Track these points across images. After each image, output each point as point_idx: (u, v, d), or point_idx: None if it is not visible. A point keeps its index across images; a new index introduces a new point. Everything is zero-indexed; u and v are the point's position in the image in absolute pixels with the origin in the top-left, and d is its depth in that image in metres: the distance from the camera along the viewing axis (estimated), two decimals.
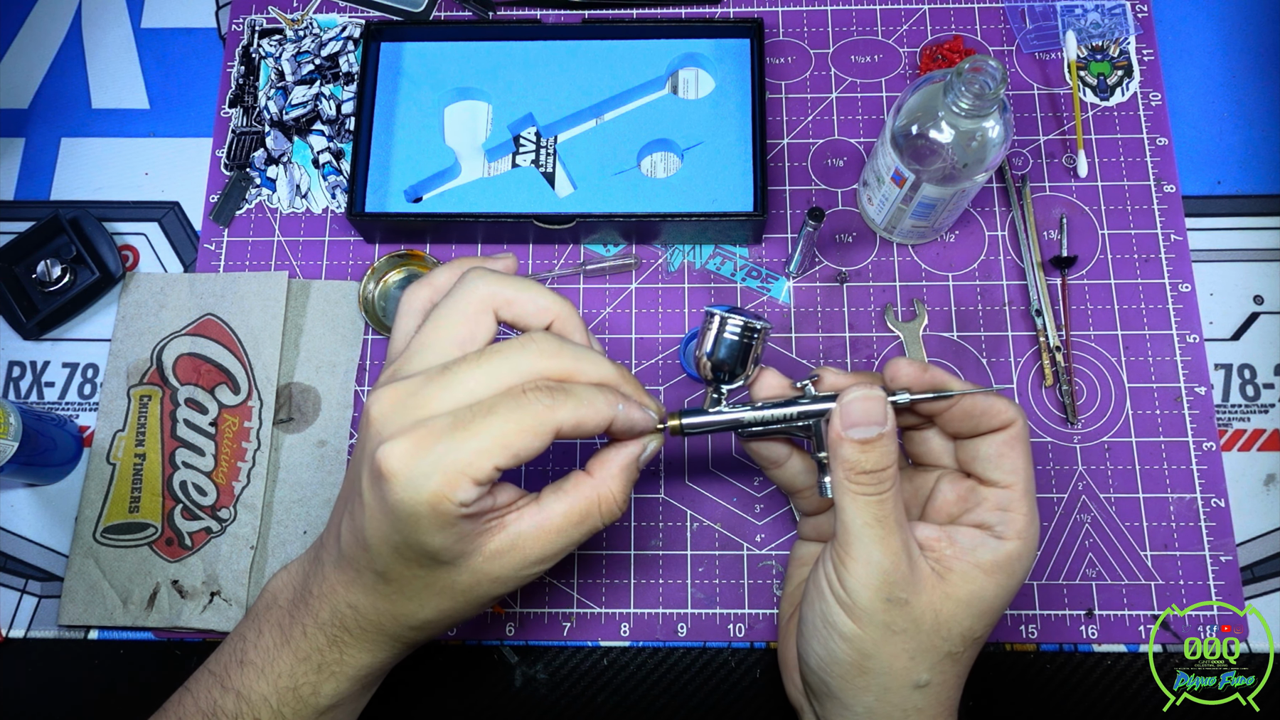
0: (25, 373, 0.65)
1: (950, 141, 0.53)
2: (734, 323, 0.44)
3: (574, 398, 0.38)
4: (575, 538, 0.40)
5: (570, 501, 0.40)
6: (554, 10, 0.70)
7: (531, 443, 0.36)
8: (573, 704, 0.58)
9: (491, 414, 0.36)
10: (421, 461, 0.35)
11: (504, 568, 0.39)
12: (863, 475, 0.40)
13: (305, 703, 0.43)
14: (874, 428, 0.40)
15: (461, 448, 0.35)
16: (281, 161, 0.68)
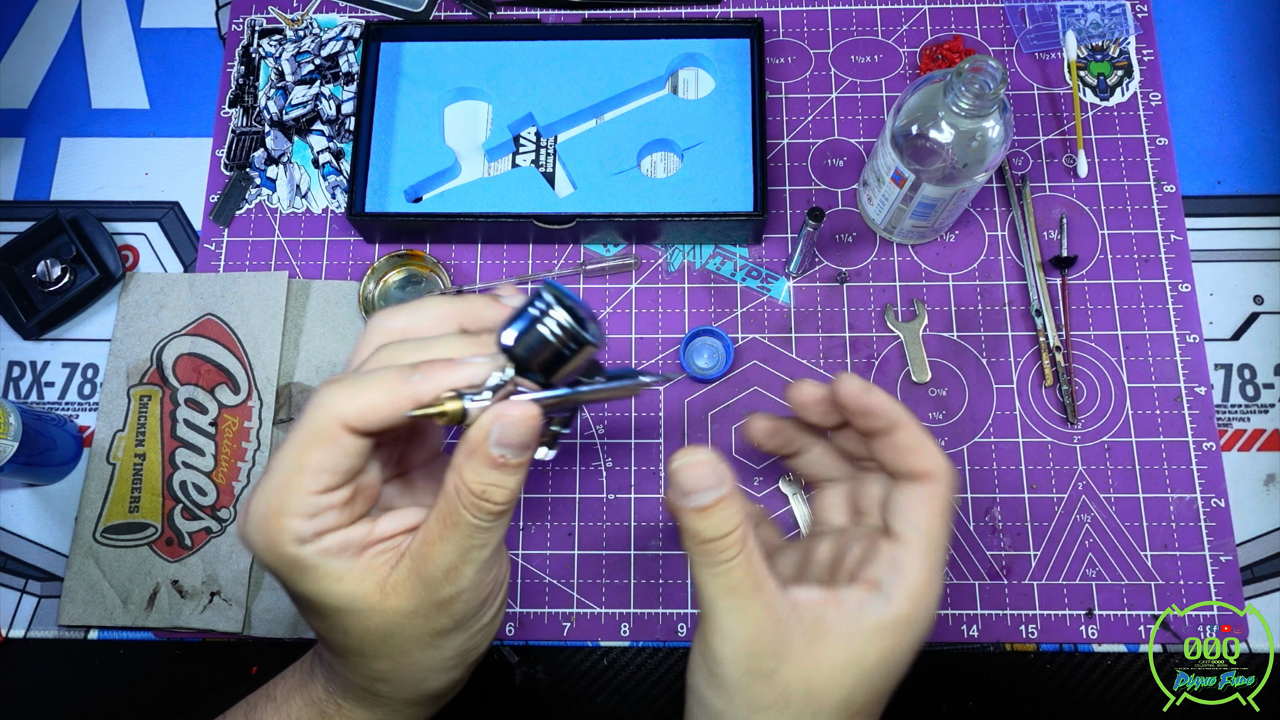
0: (25, 373, 0.65)
1: (950, 141, 0.53)
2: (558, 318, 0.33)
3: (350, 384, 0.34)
4: (464, 542, 0.35)
5: (437, 506, 0.36)
6: (554, 10, 0.70)
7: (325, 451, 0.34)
8: (573, 704, 0.58)
9: (281, 449, 0.34)
10: (246, 523, 0.35)
11: (406, 599, 0.36)
12: (706, 545, 0.35)
13: None
14: (708, 493, 0.35)
15: (265, 494, 0.34)
16: (281, 161, 0.68)
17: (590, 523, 0.60)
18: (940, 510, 0.38)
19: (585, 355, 0.34)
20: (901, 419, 0.39)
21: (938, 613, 0.38)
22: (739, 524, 0.35)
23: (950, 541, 0.39)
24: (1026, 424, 0.61)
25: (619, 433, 0.61)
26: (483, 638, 0.40)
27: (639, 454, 0.61)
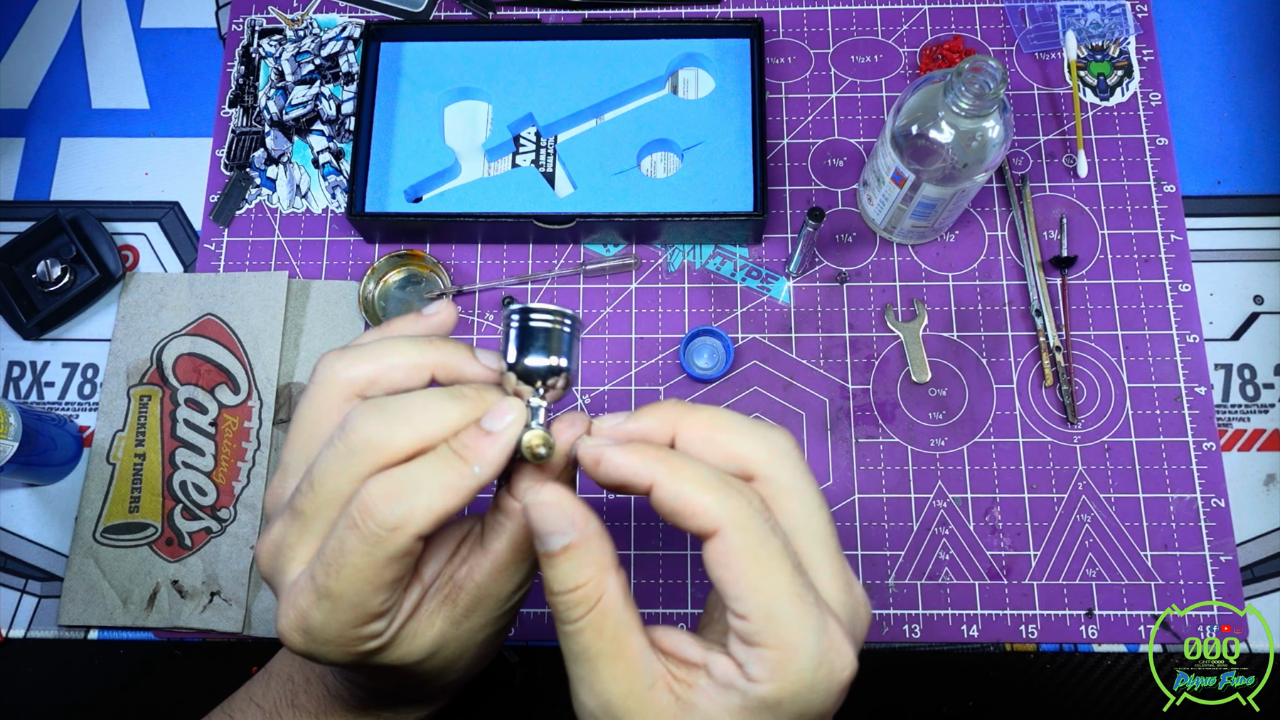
0: (25, 373, 0.65)
1: (950, 141, 0.53)
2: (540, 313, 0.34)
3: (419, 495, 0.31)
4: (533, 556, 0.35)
5: (510, 532, 0.35)
6: (554, 10, 0.70)
7: (399, 568, 0.32)
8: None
9: (342, 571, 0.31)
10: (314, 641, 0.33)
11: (484, 615, 0.36)
12: (554, 598, 0.31)
13: None
14: (555, 538, 0.31)
15: (337, 616, 0.32)
16: (281, 161, 0.68)
17: None
18: (763, 563, 0.30)
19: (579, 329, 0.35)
20: (654, 475, 0.31)
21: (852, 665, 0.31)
22: (589, 578, 0.31)
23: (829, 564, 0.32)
24: (1026, 424, 0.61)
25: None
26: None
27: None
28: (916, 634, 0.57)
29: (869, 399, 0.62)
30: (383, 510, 0.31)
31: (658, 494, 0.31)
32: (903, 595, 0.58)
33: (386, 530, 0.31)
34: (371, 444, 0.32)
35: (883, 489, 0.60)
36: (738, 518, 0.30)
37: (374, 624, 0.33)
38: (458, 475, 0.32)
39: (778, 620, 0.30)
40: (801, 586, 0.31)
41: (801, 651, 0.30)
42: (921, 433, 0.61)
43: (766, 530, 0.31)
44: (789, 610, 0.30)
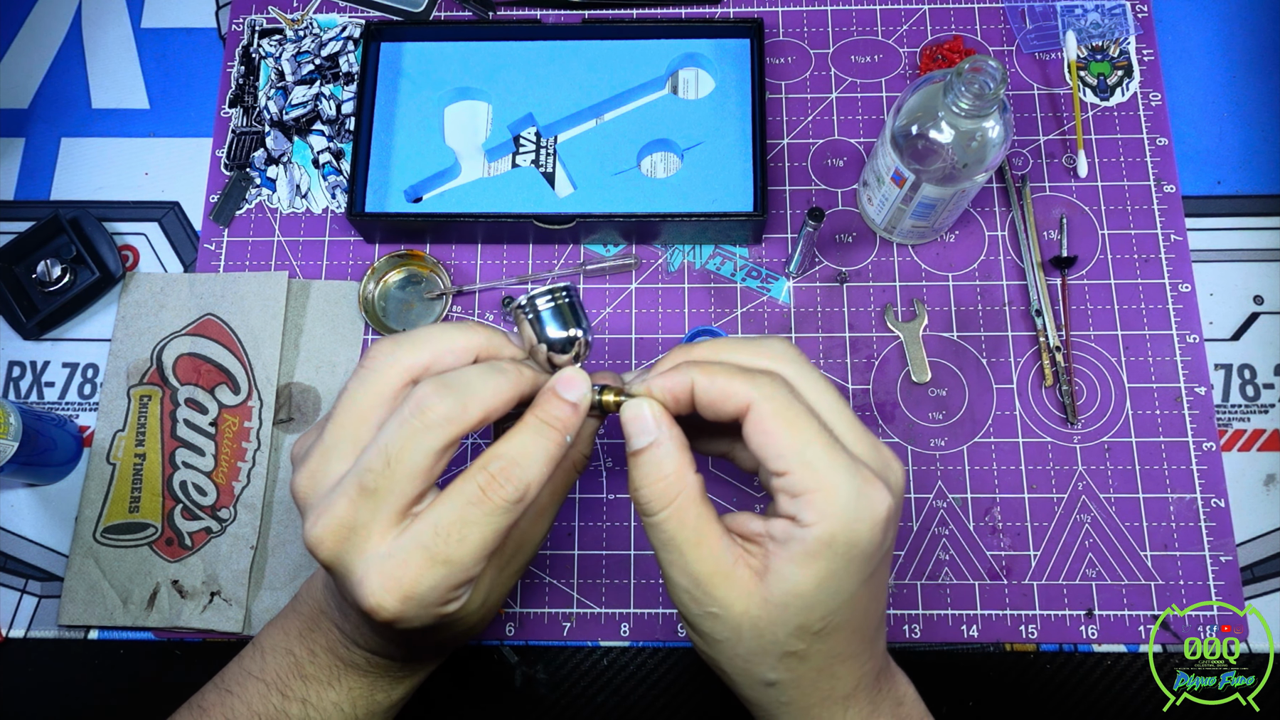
0: (25, 373, 0.65)
1: (950, 141, 0.53)
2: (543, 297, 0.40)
3: (531, 468, 0.36)
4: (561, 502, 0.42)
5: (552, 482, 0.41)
6: (554, 10, 0.70)
7: (504, 531, 0.36)
8: (573, 704, 0.58)
9: (464, 541, 0.35)
10: (416, 606, 0.35)
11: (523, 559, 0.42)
12: (636, 493, 0.38)
13: (381, 704, 0.45)
14: (641, 437, 0.38)
15: (449, 579, 0.35)
16: (281, 161, 0.68)
17: (590, 523, 0.60)
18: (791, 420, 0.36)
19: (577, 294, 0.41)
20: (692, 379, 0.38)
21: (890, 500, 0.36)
22: (668, 474, 0.37)
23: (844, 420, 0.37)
24: (1026, 424, 0.61)
25: (619, 433, 0.61)
26: None
27: None
28: (916, 634, 0.57)
29: (869, 399, 0.61)
30: (507, 484, 0.36)
31: (698, 393, 0.37)
32: (903, 595, 0.58)
33: (511, 503, 0.36)
34: (450, 419, 0.35)
35: None
36: (764, 390, 0.36)
37: (467, 586, 0.37)
38: (555, 445, 0.37)
39: (813, 466, 0.35)
40: (829, 437, 0.36)
41: (839, 487, 0.35)
42: (921, 433, 0.61)
43: (790, 397, 0.36)
44: (821, 455, 0.35)
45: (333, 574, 0.37)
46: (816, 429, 0.36)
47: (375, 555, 0.35)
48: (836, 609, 0.37)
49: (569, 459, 0.42)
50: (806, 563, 0.36)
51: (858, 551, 0.36)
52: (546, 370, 0.41)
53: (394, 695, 0.46)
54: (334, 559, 0.36)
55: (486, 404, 0.36)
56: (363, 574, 0.35)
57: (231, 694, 0.45)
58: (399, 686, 0.46)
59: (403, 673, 0.45)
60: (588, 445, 0.43)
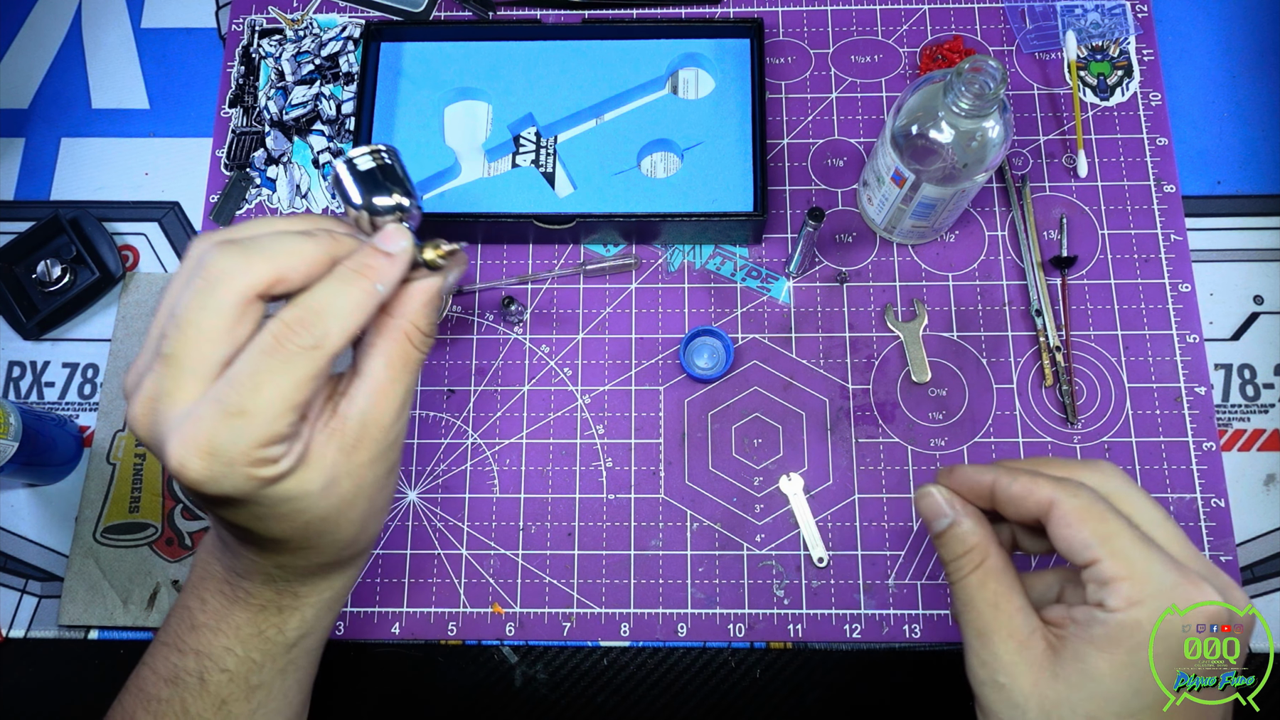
0: (25, 373, 0.65)
1: (950, 141, 0.53)
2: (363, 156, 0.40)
3: (331, 316, 0.35)
4: (408, 381, 0.39)
5: (386, 352, 0.39)
6: (554, 10, 0.70)
7: (313, 388, 0.35)
8: (573, 704, 0.58)
9: (259, 387, 0.34)
10: (217, 463, 0.34)
11: (370, 448, 0.38)
12: (946, 564, 0.40)
13: (272, 641, 0.43)
14: (941, 519, 0.40)
15: (248, 433, 0.34)
16: (281, 161, 0.68)
17: (590, 523, 0.60)
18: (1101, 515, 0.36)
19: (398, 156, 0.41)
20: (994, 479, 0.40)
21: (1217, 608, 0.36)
22: (971, 547, 0.39)
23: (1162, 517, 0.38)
24: (1026, 424, 0.61)
25: (619, 433, 0.61)
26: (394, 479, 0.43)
27: (639, 454, 0.61)
28: (916, 634, 0.57)
29: (869, 399, 0.62)
30: (302, 331, 0.35)
31: (998, 490, 0.39)
32: (903, 595, 0.58)
33: (306, 349, 0.34)
34: (231, 273, 0.34)
35: (883, 489, 0.60)
36: (1069, 490, 0.37)
37: (277, 446, 0.35)
38: (364, 294, 0.36)
39: (1123, 554, 0.35)
40: (1141, 535, 0.36)
41: (1153, 576, 0.35)
42: (921, 433, 0.61)
43: (1096, 499, 0.37)
44: (1132, 545, 0.35)
45: (153, 453, 0.36)
46: (1126, 525, 0.36)
47: (176, 417, 0.34)
48: (1136, 711, 0.36)
49: (401, 330, 0.39)
50: (1106, 646, 0.35)
51: (1166, 648, 0.35)
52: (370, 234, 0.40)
53: (287, 629, 0.43)
54: (148, 435, 0.35)
55: (278, 261, 0.35)
56: (166, 436, 0.34)
57: (143, 664, 0.45)
58: (290, 617, 0.43)
59: (288, 600, 0.43)
60: (424, 317, 0.39)
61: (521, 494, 0.60)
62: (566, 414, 0.62)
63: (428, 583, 0.59)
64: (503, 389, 0.62)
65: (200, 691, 0.43)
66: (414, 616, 0.58)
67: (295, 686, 0.46)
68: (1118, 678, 0.35)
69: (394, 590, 0.59)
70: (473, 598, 0.59)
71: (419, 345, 0.39)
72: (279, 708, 0.45)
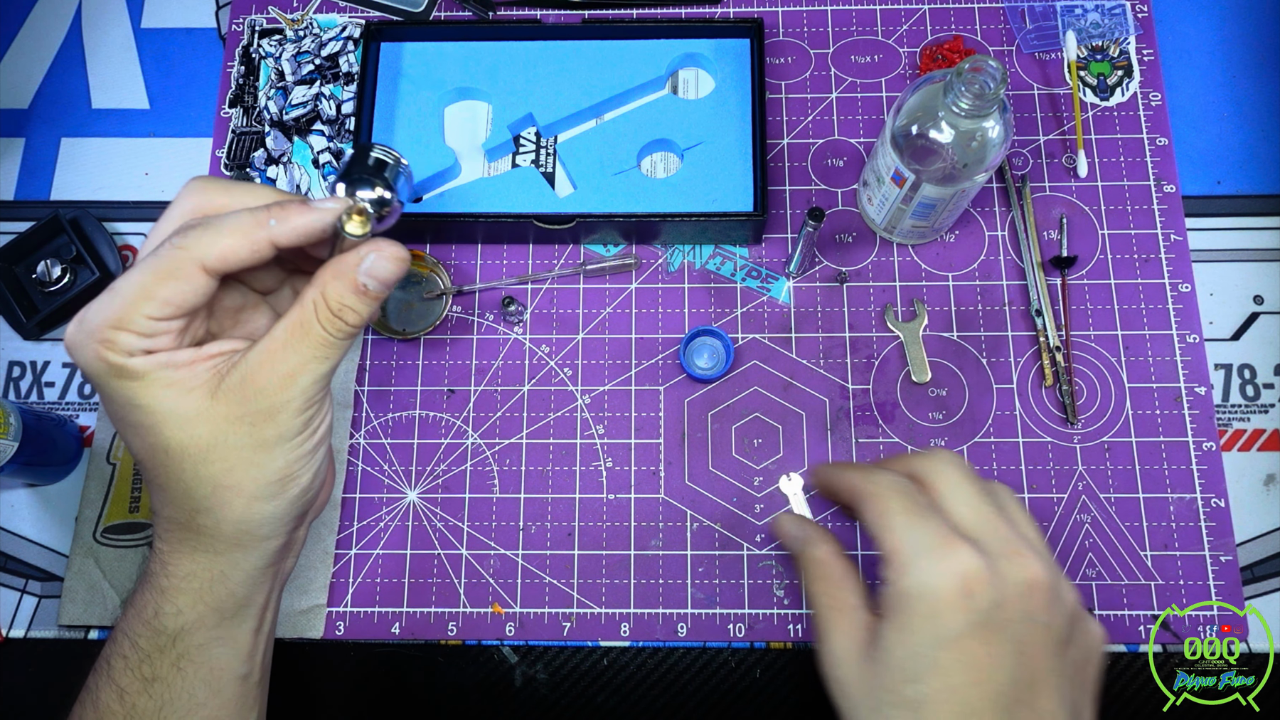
0: (25, 373, 0.65)
1: (950, 141, 0.53)
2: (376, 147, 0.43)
3: (210, 229, 0.38)
4: (306, 353, 0.39)
5: (289, 316, 0.39)
6: (554, 10, 0.70)
7: (176, 286, 0.38)
8: (573, 704, 0.58)
9: (128, 277, 0.38)
10: (78, 332, 0.38)
11: (240, 401, 0.38)
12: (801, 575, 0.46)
13: (151, 627, 0.42)
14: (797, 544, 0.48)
15: (105, 308, 0.37)
16: (281, 161, 0.68)
17: (590, 523, 0.60)
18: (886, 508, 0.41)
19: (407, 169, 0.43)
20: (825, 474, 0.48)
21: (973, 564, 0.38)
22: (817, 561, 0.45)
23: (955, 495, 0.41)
24: (1026, 424, 0.61)
25: (619, 433, 0.61)
26: (305, 469, 0.42)
27: (639, 454, 0.61)
28: None
29: (869, 399, 0.62)
30: (177, 238, 0.38)
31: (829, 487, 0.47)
32: None
33: (173, 248, 0.37)
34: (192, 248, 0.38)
35: None
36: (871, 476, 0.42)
37: (128, 335, 0.37)
38: (253, 222, 0.38)
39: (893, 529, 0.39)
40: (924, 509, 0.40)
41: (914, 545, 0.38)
42: (921, 433, 0.61)
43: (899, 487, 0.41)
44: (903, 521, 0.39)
45: None
46: (911, 504, 0.40)
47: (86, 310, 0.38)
48: (922, 675, 0.37)
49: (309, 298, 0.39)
50: (890, 619, 0.39)
51: (927, 608, 0.37)
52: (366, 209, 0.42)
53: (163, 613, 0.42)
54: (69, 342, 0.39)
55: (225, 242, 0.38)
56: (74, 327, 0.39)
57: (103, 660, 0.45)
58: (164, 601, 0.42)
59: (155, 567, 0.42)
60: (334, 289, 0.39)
61: (521, 494, 0.60)
62: (566, 414, 0.62)
63: (428, 583, 0.59)
64: (503, 389, 0.62)
65: (108, 679, 0.43)
66: (414, 616, 0.58)
67: (203, 688, 0.43)
68: (903, 646, 0.38)
69: (394, 590, 0.59)
70: (473, 598, 0.59)
71: (322, 319, 0.39)
72: (187, 709, 0.43)
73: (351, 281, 0.39)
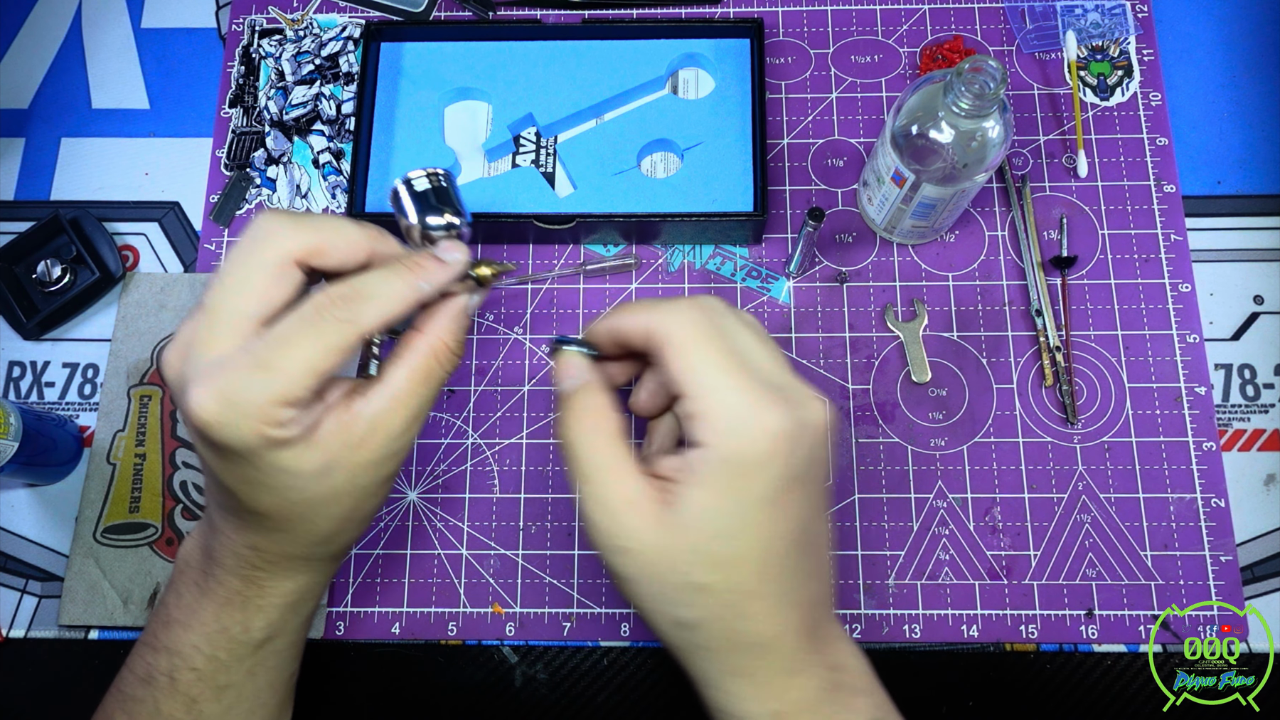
0: (25, 373, 0.65)
1: (950, 141, 0.53)
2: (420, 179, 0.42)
3: (371, 298, 0.37)
4: (426, 396, 0.41)
5: (410, 363, 0.40)
6: (554, 10, 0.70)
7: (339, 360, 0.37)
8: (573, 704, 0.58)
9: (289, 346, 0.36)
10: (231, 409, 0.35)
11: (373, 450, 0.39)
12: (564, 432, 0.39)
13: (237, 640, 0.43)
14: (568, 381, 0.40)
15: (269, 386, 0.35)
16: (281, 161, 0.68)
17: None
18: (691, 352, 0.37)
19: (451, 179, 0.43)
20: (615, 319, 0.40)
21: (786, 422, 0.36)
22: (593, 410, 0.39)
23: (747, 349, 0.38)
24: (1026, 424, 0.61)
25: None
26: None
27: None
28: (916, 634, 0.57)
29: (869, 399, 0.62)
30: (342, 304, 0.36)
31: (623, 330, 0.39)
32: (903, 595, 0.58)
33: (343, 321, 0.36)
34: (276, 234, 0.37)
35: (883, 489, 0.60)
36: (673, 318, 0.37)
37: (289, 409, 0.36)
38: (408, 286, 0.38)
39: (709, 387, 0.36)
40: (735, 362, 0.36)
41: (731, 405, 0.36)
42: (921, 433, 0.61)
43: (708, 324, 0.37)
44: (719, 378, 0.36)
45: (175, 397, 0.38)
46: (721, 358, 0.36)
47: (206, 363, 0.36)
48: (735, 533, 0.36)
49: (429, 344, 0.40)
50: (704, 483, 0.36)
51: (748, 468, 0.35)
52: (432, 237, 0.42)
53: (252, 628, 0.43)
54: (176, 377, 0.37)
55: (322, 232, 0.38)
56: (192, 378, 0.36)
57: (125, 665, 0.46)
58: (255, 616, 0.43)
59: (253, 592, 0.43)
60: (454, 336, 0.41)
61: (521, 494, 0.60)
62: None
63: (428, 583, 0.59)
64: (503, 389, 0.62)
65: (171, 691, 0.43)
66: (414, 616, 0.58)
67: (267, 689, 0.46)
68: (719, 509, 0.36)
69: (394, 590, 0.59)
70: (473, 598, 0.59)
71: (443, 361, 0.41)
72: (251, 708, 0.45)
73: (466, 322, 0.42)
